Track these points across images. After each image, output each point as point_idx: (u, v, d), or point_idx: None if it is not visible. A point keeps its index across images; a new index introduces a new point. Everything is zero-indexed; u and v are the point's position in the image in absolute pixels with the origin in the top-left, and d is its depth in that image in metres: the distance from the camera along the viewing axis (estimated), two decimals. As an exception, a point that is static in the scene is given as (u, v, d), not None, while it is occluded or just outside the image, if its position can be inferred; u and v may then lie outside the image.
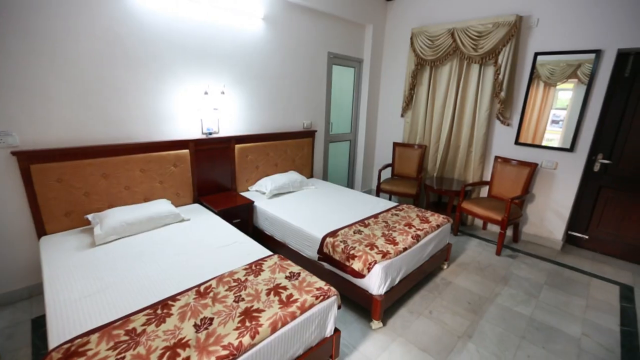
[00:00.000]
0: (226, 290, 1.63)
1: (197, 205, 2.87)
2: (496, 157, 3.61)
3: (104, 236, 2.10)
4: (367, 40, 4.33)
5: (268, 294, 1.62)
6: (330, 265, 2.28)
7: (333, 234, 2.35)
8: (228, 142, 3.10)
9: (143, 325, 1.38)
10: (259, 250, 2.12)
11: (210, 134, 2.98)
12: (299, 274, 1.80)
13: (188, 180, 2.86)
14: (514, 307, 2.42)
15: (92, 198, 2.34)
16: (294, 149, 3.72)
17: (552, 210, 3.41)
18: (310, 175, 4.01)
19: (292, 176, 3.44)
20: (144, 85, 2.50)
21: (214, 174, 3.06)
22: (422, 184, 3.93)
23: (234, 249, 2.13)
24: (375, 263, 2.02)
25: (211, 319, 1.42)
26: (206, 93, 2.82)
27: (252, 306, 1.52)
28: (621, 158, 3.09)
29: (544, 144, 3.38)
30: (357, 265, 2.07)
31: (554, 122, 3.31)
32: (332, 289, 1.71)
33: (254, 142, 3.33)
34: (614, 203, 3.20)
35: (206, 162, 2.97)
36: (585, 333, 2.18)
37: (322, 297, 1.62)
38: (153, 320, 1.41)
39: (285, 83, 3.55)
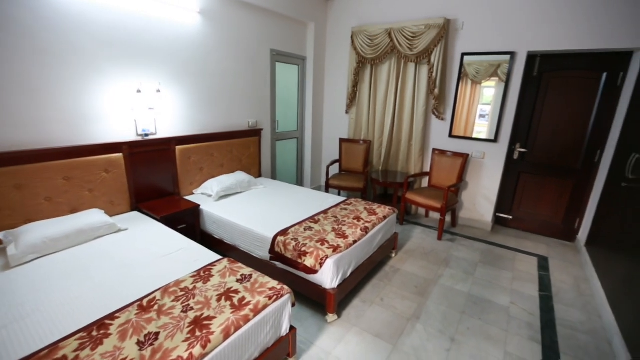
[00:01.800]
0: (173, 301, 1.54)
1: (135, 213, 2.65)
2: (434, 150, 3.90)
3: (20, 256, 1.84)
4: (310, 38, 4.36)
5: (219, 300, 1.56)
6: (282, 264, 2.27)
7: (284, 232, 2.33)
8: (168, 144, 2.91)
9: (75, 351, 1.23)
10: (208, 256, 2.03)
11: (147, 135, 2.76)
12: (250, 275, 1.76)
13: (123, 186, 2.62)
14: (455, 285, 2.65)
15: (3, 213, 2.02)
16: (240, 148, 3.62)
17: (482, 196, 3.79)
18: (258, 174, 3.94)
19: (240, 176, 3.35)
20: (62, 83, 2.22)
21: (153, 179, 2.85)
22: (369, 178, 4.09)
23: (180, 256, 2.02)
24: (327, 258, 2.05)
25: (157, 334, 1.33)
26: (139, 91, 2.61)
27: (202, 314, 1.45)
28: (534, 147, 3.55)
29: (474, 136, 3.72)
30: (309, 261, 2.09)
31: (481, 116, 3.67)
32: (285, 287, 1.70)
33: (197, 142, 3.17)
34: (530, 186, 3.66)
35: (144, 165, 2.75)
36: (513, 301, 2.47)
37: (275, 297, 1.61)
38: (88, 344, 1.27)
39: (227, 81, 3.42)
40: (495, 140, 3.57)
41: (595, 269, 2.75)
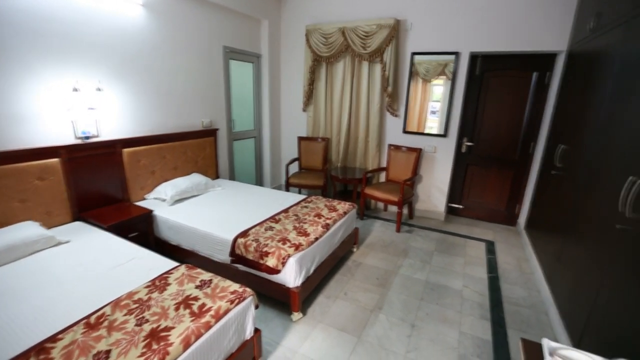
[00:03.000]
0: (125, 315, 1.43)
1: (79, 224, 2.43)
2: (389, 145, 4.05)
3: (-64, 280, 1.60)
4: (264, 36, 4.29)
5: (177, 309, 1.48)
6: (244, 266, 2.22)
7: (244, 234, 2.28)
8: (113, 147, 2.70)
9: (10, 380, 1.11)
10: (163, 263, 1.93)
11: (88, 138, 2.54)
12: (210, 280, 1.70)
13: (62, 195, 2.38)
14: (413, 274, 2.78)
15: None
16: (194, 149, 3.47)
17: (435, 188, 4.01)
18: (215, 176, 3.80)
19: (196, 179, 3.21)
20: (-19, 80, 1.97)
21: (98, 185, 2.63)
22: (328, 175, 4.13)
23: (132, 266, 1.89)
24: (289, 257, 2.05)
25: (108, 352, 1.23)
26: (76, 90, 2.38)
27: (160, 325, 1.37)
28: (479, 140, 3.83)
29: (426, 131, 3.92)
30: (271, 261, 2.07)
31: (432, 112, 3.87)
32: (248, 290, 1.67)
33: (147, 144, 2.97)
34: (477, 177, 3.95)
35: (86, 171, 2.52)
36: (465, 285, 2.65)
37: (237, 301, 1.57)
38: (25, 370, 1.14)
39: (178, 79, 3.25)
40: (445, 135, 3.79)
41: (533, 249, 3.05)
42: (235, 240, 2.25)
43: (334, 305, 2.34)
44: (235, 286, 1.67)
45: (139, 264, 1.91)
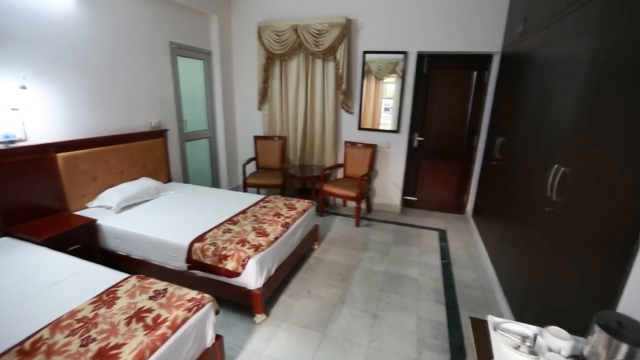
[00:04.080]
0: (67, 336, 1.31)
1: (6, 240, 2.15)
2: (346, 142, 4.13)
3: None
4: (214, 32, 4.13)
5: (129, 323, 1.38)
6: (202, 272, 2.14)
7: (200, 238, 2.19)
8: (44, 151, 2.42)
9: None
10: (111, 276, 1.78)
11: (12, 142, 2.25)
12: (165, 290, 1.61)
13: (-17, 208, 2.10)
14: (373, 267, 2.87)
15: None
16: (142, 152, 3.24)
17: (391, 182, 4.17)
18: (167, 179, 3.60)
19: (145, 183, 3.01)
20: None
21: (28, 195, 2.35)
22: (287, 174, 4.12)
23: (74, 282, 1.72)
24: (249, 258, 2.01)
25: (47, 378, 1.11)
26: (-5, 89, 2.11)
27: (109, 343, 1.27)
28: (429, 135, 4.06)
29: (380, 128, 4.06)
30: (230, 264, 2.01)
31: (386, 109, 4.02)
32: (206, 296, 1.60)
33: (87, 148, 2.72)
34: (429, 170, 4.18)
35: (12, 180, 2.24)
36: (421, 272, 2.80)
37: (195, 308, 1.50)
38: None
39: (120, 76, 3.01)
40: (397, 130, 3.96)
41: (479, 234, 3.30)
42: (191, 245, 2.15)
43: (297, 304, 2.34)
44: (192, 293, 1.60)
45: (82, 279, 1.75)
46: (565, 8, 1.78)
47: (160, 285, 1.66)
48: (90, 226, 2.42)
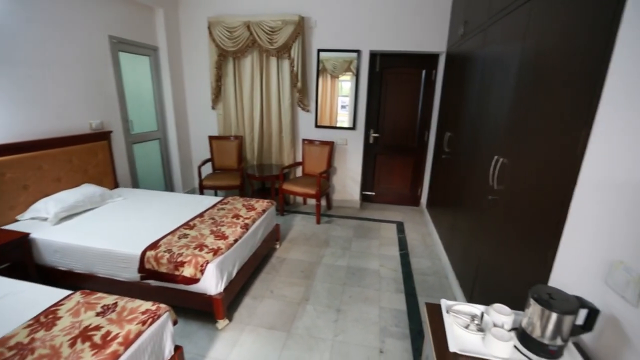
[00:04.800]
0: (-2, 366, 1.16)
1: None
2: (303, 140, 4.14)
3: None
4: (160, 26, 3.89)
5: (73, 344, 1.27)
6: (157, 281, 2.02)
7: (154, 245, 2.07)
8: (-39, 159, 2.12)
9: None
10: (50, 295, 1.62)
11: None
12: (115, 304, 1.50)
13: None
14: (335, 262, 2.92)
15: None
16: (83, 156, 2.97)
17: (349, 178, 4.26)
18: (114, 185, 3.33)
19: (88, 190, 2.76)
20: None
21: (-59, 210, 2.05)
22: (245, 174, 4.02)
23: (4, 306, 1.54)
24: (208, 263, 1.93)
25: (-25, 416, 0.98)
26: None
27: (50, 369, 1.15)
28: (384, 131, 4.20)
29: (337, 125, 4.12)
30: (188, 271, 1.92)
31: (342, 106, 4.08)
32: (162, 306, 1.52)
33: (13, 153, 2.42)
34: (385, 165, 4.34)
35: None
36: (382, 264, 2.90)
37: (150, 321, 1.42)
38: None
39: (52, 73, 2.72)
40: (354, 127, 4.05)
41: (433, 224, 3.50)
42: (143, 254, 2.01)
43: (260, 305, 2.30)
44: (146, 305, 1.51)
45: (15, 301, 1.57)
46: (498, 12, 1.94)
47: (109, 299, 1.54)
48: (23, 241, 2.17)
